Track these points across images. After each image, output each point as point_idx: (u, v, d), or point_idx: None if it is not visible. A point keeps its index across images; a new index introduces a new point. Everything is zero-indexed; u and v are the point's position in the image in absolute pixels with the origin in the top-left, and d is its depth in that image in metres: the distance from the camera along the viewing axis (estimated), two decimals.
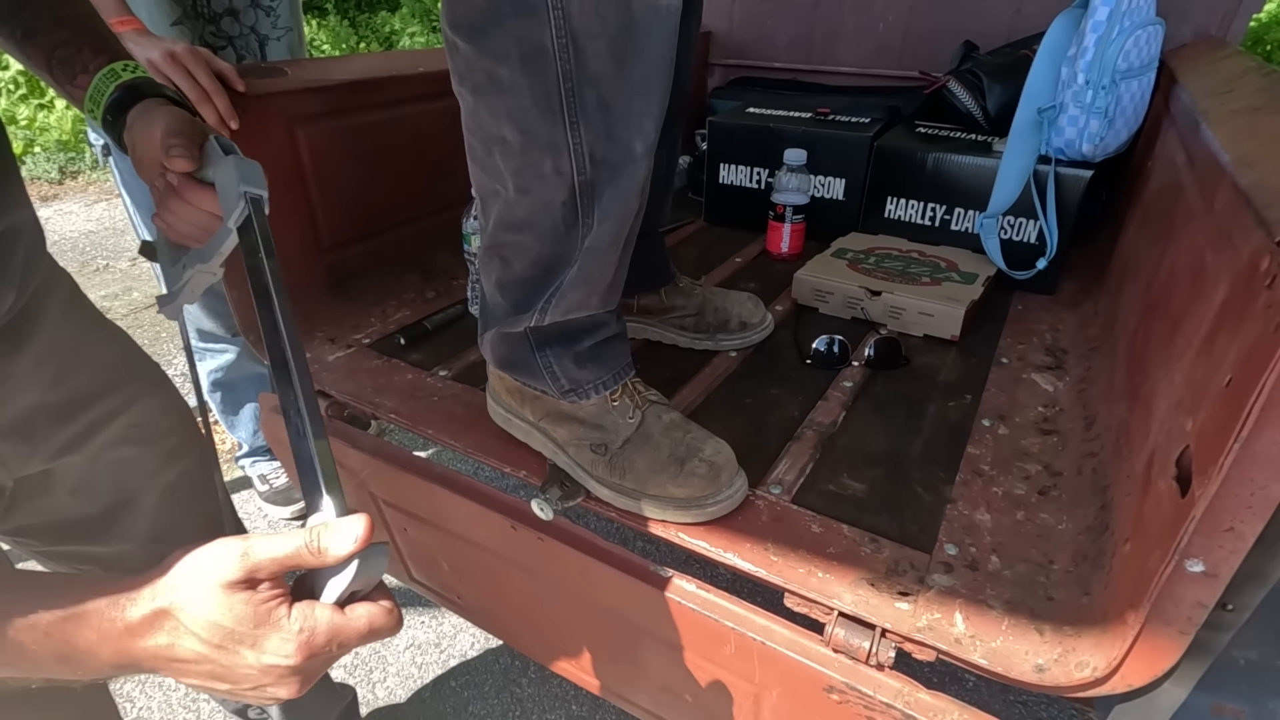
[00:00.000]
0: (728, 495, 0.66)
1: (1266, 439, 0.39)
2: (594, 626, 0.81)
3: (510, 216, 0.61)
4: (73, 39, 0.57)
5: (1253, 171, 0.52)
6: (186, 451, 0.77)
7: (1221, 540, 0.42)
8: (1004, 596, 0.59)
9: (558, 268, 0.62)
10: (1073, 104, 1.05)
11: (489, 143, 0.59)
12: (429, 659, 1.37)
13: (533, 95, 0.54)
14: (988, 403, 0.87)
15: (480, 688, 1.32)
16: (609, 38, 0.52)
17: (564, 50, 0.52)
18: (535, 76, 0.53)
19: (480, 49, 0.54)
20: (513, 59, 0.53)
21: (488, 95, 0.56)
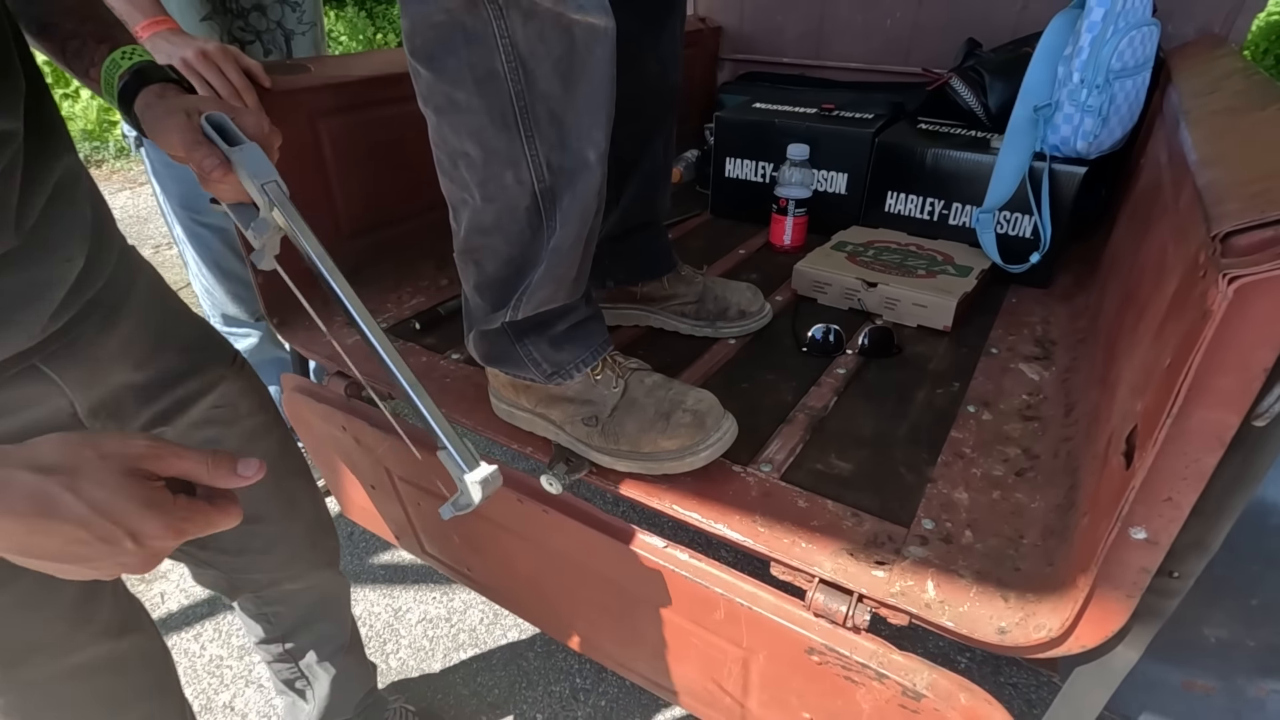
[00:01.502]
0: (716, 439, 0.71)
1: (1197, 416, 0.43)
2: (595, 596, 0.86)
3: (479, 223, 0.66)
4: (78, 30, 0.59)
5: (1211, 170, 0.56)
6: (268, 432, 0.80)
7: (1161, 509, 0.46)
8: (974, 567, 0.63)
9: (526, 268, 0.67)
10: (1068, 102, 1.08)
11: (454, 157, 0.64)
12: (439, 632, 1.44)
13: (489, 114, 0.59)
14: (974, 390, 0.90)
15: (488, 660, 1.38)
16: (554, 60, 0.56)
17: (514, 73, 0.57)
18: (490, 97, 0.58)
19: (438, 75, 0.59)
20: (468, 83, 0.58)
21: (449, 115, 0.61)
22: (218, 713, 1.26)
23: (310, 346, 1.02)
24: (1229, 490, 0.47)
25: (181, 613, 1.47)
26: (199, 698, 1.29)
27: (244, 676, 1.33)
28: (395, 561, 1.59)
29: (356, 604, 1.50)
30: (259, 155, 0.55)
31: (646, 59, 0.82)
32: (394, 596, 1.52)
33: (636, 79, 0.82)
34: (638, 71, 0.82)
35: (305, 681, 1.03)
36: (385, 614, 1.48)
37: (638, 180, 0.91)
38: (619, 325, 1.06)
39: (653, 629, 0.81)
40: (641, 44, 0.81)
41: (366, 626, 1.45)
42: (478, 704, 1.30)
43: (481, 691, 1.32)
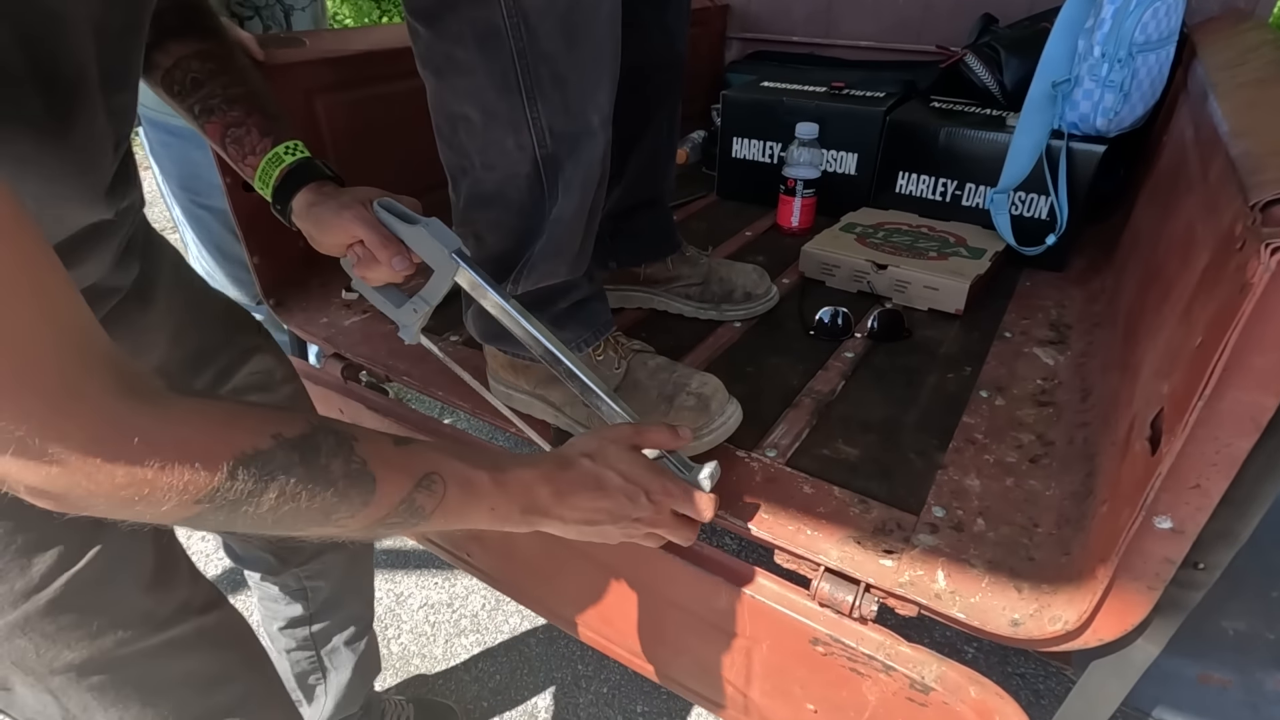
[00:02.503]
0: (720, 423, 0.69)
1: (1230, 398, 0.40)
2: (594, 583, 0.84)
3: (479, 191, 0.64)
4: (243, 119, 0.63)
5: (1244, 141, 0.53)
6: (303, 397, 0.85)
7: (1188, 497, 0.44)
8: (986, 556, 0.61)
9: (528, 240, 0.64)
10: (1088, 77, 1.04)
11: (454, 121, 0.61)
12: (441, 618, 1.43)
13: (490, 74, 0.56)
14: (987, 375, 0.88)
15: (490, 645, 1.37)
16: (558, 15, 0.54)
17: (516, 30, 0.54)
18: (491, 56, 0.55)
19: (437, 33, 0.57)
20: (468, 41, 0.55)
21: (448, 76, 0.59)
22: None
23: (307, 328, 1.00)
24: (1262, 476, 0.44)
25: None
26: None
27: None
28: (397, 547, 1.59)
29: None
30: (443, 227, 0.59)
31: (651, 29, 0.79)
32: (396, 582, 1.51)
33: (640, 50, 0.79)
34: (641, 42, 0.79)
35: (320, 675, 1.00)
36: (387, 599, 1.47)
37: (640, 156, 0.88)
38: (622, 308, 1.04)
39: (653, 616, 0.79)
40: (645, 13, 0.77)
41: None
42: (479, 690, 1.29)
43: (483, 677, 1.31)
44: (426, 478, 0.44)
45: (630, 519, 0.53)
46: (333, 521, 0.40)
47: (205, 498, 0.35)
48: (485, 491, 0.47)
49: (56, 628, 0.53)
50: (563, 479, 0.51)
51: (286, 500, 0.37)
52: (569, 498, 0.51)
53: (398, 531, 0.45)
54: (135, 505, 0.34)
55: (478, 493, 0.47)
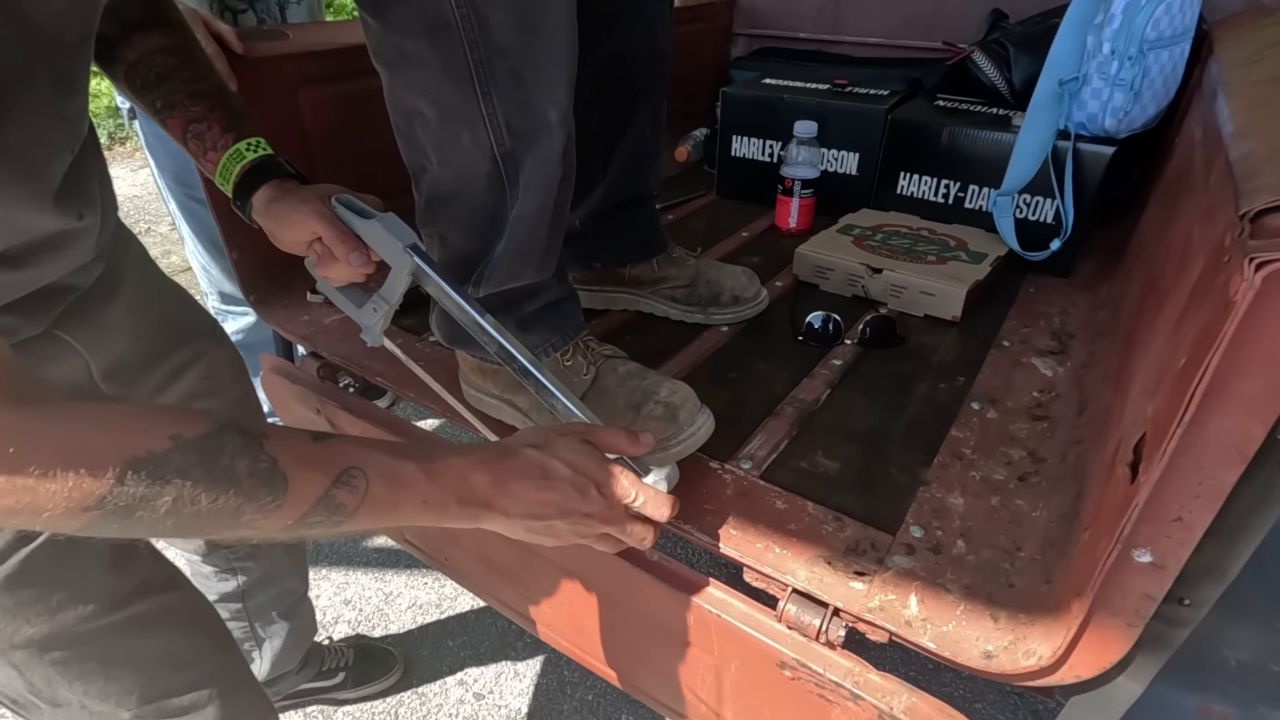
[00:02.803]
0: (690, 434, 0.66)
1: (1214, 426, 0.37)
2: (565, 592, 0.81)
3: (438, 190, 0.62)
4: (205, 115, 0.62)
5: (1247, 142, 0.49)
6: (250, 400, 0.84)
7: (1169, 530, 0.40)
8: (963, 581, 0.58)
9: (490, 240, 0.62)
10: (1096, 76, 0.99)
11: (409, 117, 0.59)
12: (429, 618, 1.41)
13: (442, 67, 0.54)
14: (980, 385, 0.84)
15: (477, 649, 1.35)
16: (509, 6, 0.51)
17: (466, 21, 0.52)
18: (442, 49, 0.53)
19: (386, 24, 0.55)
20: (418, 32, 0.53)
21: (400, 70, 0.57)
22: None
23: (287, 325, 0.99)
24: (1252, 510, 0.40)
25: None
26: None
27: None
28: (388, 545, 1.57)
29: (347, 586, 1.48)
30: (398, 221, 0.58)
31: (630, 19, 0.76)
32: (385, 580, 1.50)
33: (620, 41, 0.77)
34: (621, 33, 0.76)
35: (254, 642, 1.03)
36: (376, 598, 1.46)
37: (624, 153, 0.85)
38: (607, 309, 1.01)
39: (626, 630, 0.77)
40: (625, 4, 0.75)
41: (356, 610, 1.43)
42: (463, 693, 1.27)
43: (468, 681, 1.30)
44: (345, 473, 0.42)
45: (580, 514, 0.49)
46: (243, 524, 0.39)
47: (94, 504, 0.33)
48: (413, 483, 0.44)
49: (15, 602, 0.53)
50: (503, 466, 0.48)
51: (185, 504, 0.36)
52: (510, 487, 0.48)
53: (323, 531, 0.42)
54: (18, 515, 0.32)
55: (405, 485, 0.44)
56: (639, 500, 0.52)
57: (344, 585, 1.49)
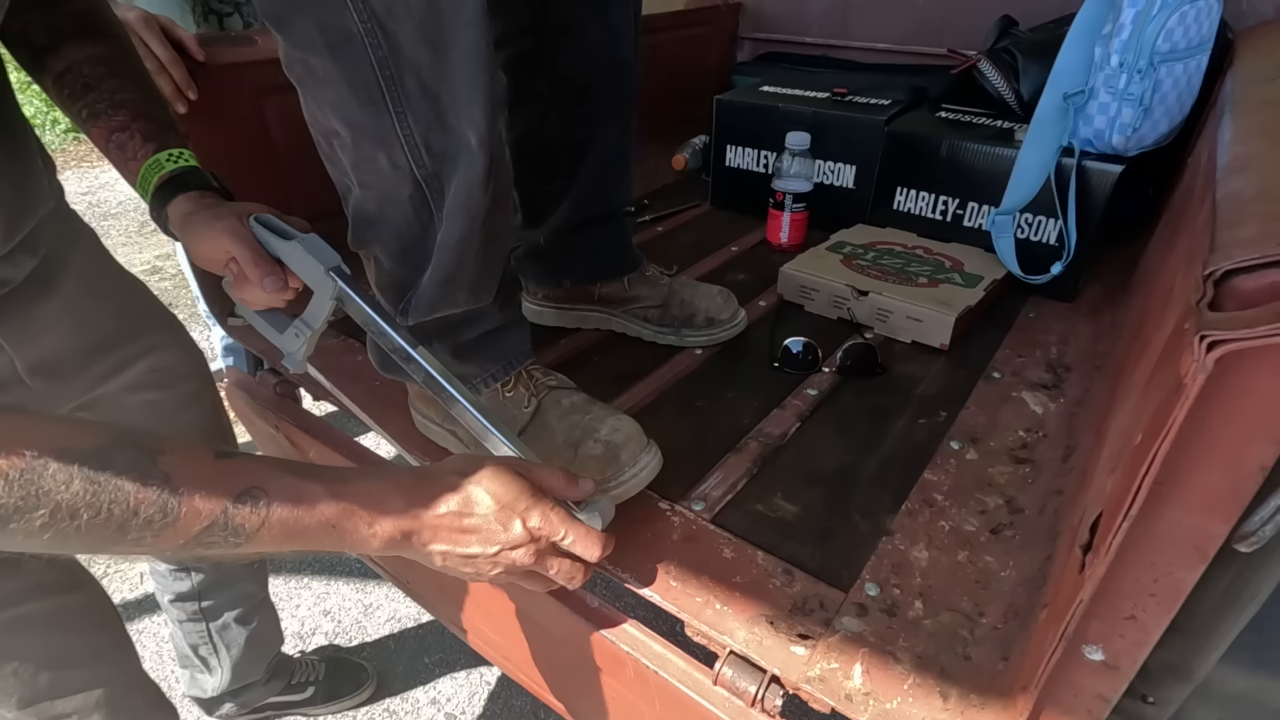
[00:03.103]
0: (631, 475, 0.62)
1: (1169, 519, 0.32)
2: (514, 625, 0.78)
3: (363, 212, 0.59)
4: (128, 124, 0.61)
5: (1240, 178, 0.43)
6: (203, 397, 0.83)
7: (1122, 629, 0.35)
8: (916, 650, 0.53)
9: (420, 265, 0.59)
10: (1104, 89, 0.93)
11: (327, 136, 0.56)
12: (407, 633, 1.39)
13: (350, 85, 0.51)
14: (963, 422, 0.78)
15: (452, 667, 1.32)
16: (416, 20, 0.47)
17: (372, 36, 0.48)
18: (348, 65, 0.50)
19: (290, 39, 0.51)
20: (320, 47, 0.50)
21: (309, 87, 0.54)
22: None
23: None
24: (1223, 609, 0.35)
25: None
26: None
27: None
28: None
29: (328, 597, 1.46)
30: (320, 242, 0.56)
31: (589, 28, 0.72)
32: (366, 592, 1.48)
33: (578, 52, 0.73)
34: (580, 42, 0.73)
35: (211, 648, 1.02)
36: (355, 609, 1.44)
37: (589, 168, 0.81)
38: (579, 328, 0.97)
39: (574, 674, 0.73)
40: (580, 12, 0.71)
41: (335, 621, 1.41)
42: (434, 712, 1.25)
43: (440, 700, 1.27)
44: (246, 493, 0.40)
45: (503, 549, 0.47)
46: (129, 540, 0.37)
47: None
48: (319, 506, 0.42)
49: None
50: (421, 493, 0.46)
51: (63, 518, 0.34)
52: (426, 516, 0.45)
53: (223, 553, 0.40)
54: None
55: (310, 507, 0.42)
56: (568, 539, 0.50)
57: (324, 595, 1.47)
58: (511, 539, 0.47)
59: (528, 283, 0.96)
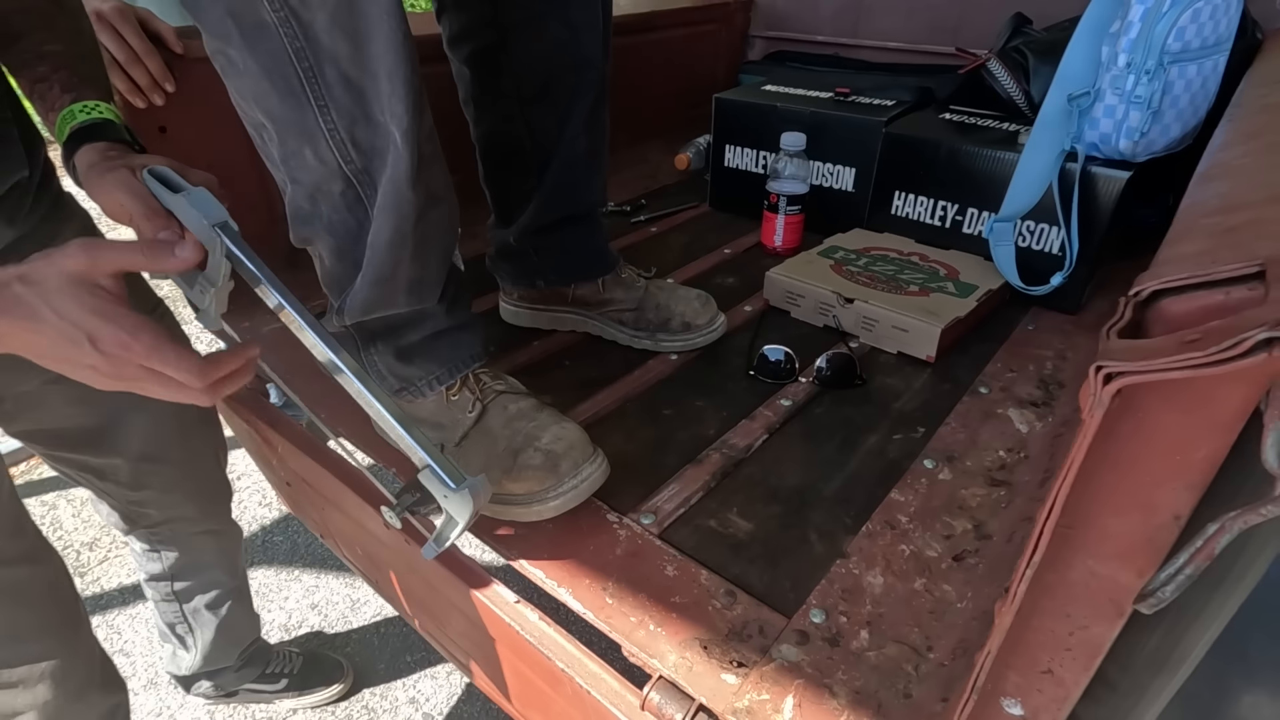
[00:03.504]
0: (570, 487, 0.60)
1: (1081, 568, 0.28)
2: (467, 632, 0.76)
3: (297, 207, 0.57)
4: (49, 75, 0.60)
5: (1209, 187, 0.39)
6: None
7: (1039, 683, 0.32)
8: (855, 684, 0.50)
9: (359, 263, 0.57)
10: (1110, 91, 0.88)
11: (256, 128, 0.54)
12: (392, 630, 1.38)
13: (269, 76, 0.49)
14: (941, 439, 0.75)
15: (433, 668, 1.31)
16: (330, 9, 0.45)
17: (286, 24, 0.46)
18: (264, 55, 0.48)
19: (206, 28, 0.50)
20: (234, 37, 0.48)
21: (231, 78, 0.52)
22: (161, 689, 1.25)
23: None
24: (1153, 668, 0.32)
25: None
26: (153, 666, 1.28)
27: None
28: None
29: (316, 590, 1.47)
30: (207, 197, 0.52)
31: (548, 23, 0.69)
32: (355, 586, 1.48)
33: (540, 47, 0.71)
34: (541, 39, 0.70)
35: (187, 627, 1.04)
36: (342, 604, 1.44)
37: (556, 167, 0.79)
38: (554, 329, 0.95)
39: (520, 683, 0.71)
40: (543, 6, 0.69)
41: (321, 615, 1.41)
42: (412, 711, 1.24)
43: (419, 699, 1.26)
44: None
45: (84, 365, 0.45)
46: None
47: None
48: None
49: None
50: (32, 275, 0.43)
51: None
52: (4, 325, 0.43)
53: None
54: None
55: None
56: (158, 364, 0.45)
57: (314, 589, 1.47)
58: (85, 358, 0.44)
59: (503, 282, 0.94)
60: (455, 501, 0.51)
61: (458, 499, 0.51)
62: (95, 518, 1.60)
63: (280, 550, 1.56)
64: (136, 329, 0.44)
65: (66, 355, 0.44)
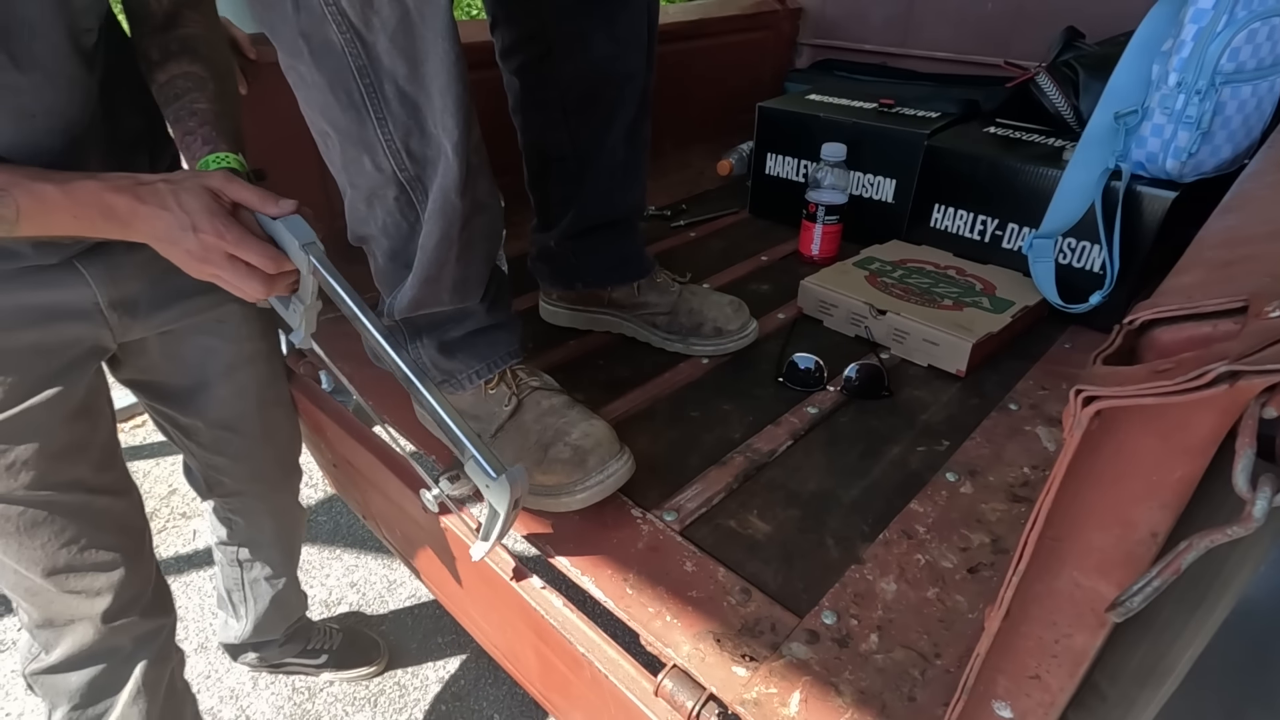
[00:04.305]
0: (596, 482, 0.63)
1: (1066, 578, 0.30)
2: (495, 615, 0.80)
3: (355, 209, 0.61)
4: (195, 129, 0.69)
5: (1227, 218, 0.40)
6: (260, 360, 0.89)
7: (1027, 688, 0.34)
8: (860, 684, 0.51)
9: (409, 264, 0.61)
10: (1159, 110, 0.87)
11: (321, 136, 0.59)
12: (425, 612, 1.44)
13: (333, 91, 0.53)
14: (965, 453, 0.75)
15: (463, 650, 1.36)
16: (390, 32, 0.50)
17: (351, 45, 0.51)
18: (330, 72, 0.53)
19: (281, 46, 0.55)
20: (305, 55, 0.53)
21: (301, 91, 0.57)
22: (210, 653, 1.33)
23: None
24: (1139, 681, 0.33)
25: (208, 551, 1.56)
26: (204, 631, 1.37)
27: None
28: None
29: (356, 569, 1.53)
30: (300, 221, 0.59)
31: (593, 39, 0.73)
32: (391, 567, 1.54)
33: (584, 62, 0.74)
34: (586, 53, 0.74)
35: (243, 595, 1.11)
36: (379, 584, 1.50)
37: (596, 176, 0.82)
38: (590, 330, 0.99)
39: (543, 666, 0.74)
40: (589, 22, 0.72)
41: (360, 593, 1.48)
42: (441, 691, 1.29)
43: (448, 679, 1.31)
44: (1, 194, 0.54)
45: (183, 249, 0.56)
46: None
47: None
48: (55, 200, 0.54)
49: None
50: (133, 192, 0.56)
51: None
52: (141, 210, 0.56)
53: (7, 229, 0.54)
54: None
55: (49, 201, 0.54)
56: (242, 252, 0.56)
57: (354, 568, 1.54)
58: (186, 241, 0.56)
59: (543, 283, 0.98)
60: (495, 490, 0.55)
61: (498, 488, 0.54)
62: (158, 490, 1.70)
63: (323, 529, 1.63)
64: (230, 226, 0.56)
65: (174, 238, 0.56)
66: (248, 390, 0.89)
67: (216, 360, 0.84)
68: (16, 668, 1.27)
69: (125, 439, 1.87)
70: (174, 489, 1.72)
